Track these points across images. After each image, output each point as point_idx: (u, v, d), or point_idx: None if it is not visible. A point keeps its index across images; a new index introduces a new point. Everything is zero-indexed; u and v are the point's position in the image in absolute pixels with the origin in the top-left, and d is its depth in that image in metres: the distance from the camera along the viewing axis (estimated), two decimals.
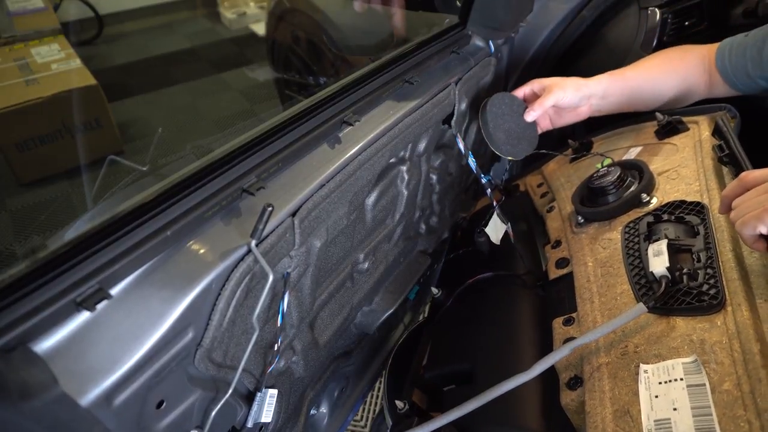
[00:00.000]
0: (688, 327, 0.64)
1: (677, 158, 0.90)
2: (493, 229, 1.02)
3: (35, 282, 0.44)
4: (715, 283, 0.66)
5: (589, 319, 0.74)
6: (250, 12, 4.03)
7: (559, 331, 0.78)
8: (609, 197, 0.88)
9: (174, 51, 3.80)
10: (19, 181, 2.42)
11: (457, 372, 0.86)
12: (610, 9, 1.30)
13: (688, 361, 0.61)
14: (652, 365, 0.63)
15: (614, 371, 0.66)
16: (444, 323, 1.00)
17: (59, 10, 3.54)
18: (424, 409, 0.87)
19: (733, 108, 0.94)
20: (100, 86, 2.47)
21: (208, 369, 0.59)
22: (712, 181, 0.81)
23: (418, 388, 0.90)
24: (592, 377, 0.67)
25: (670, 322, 0.66)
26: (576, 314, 0.77)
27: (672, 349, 0.63)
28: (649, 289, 0.71)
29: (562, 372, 0.71)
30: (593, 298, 0.77)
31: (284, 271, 0.69)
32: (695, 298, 0.66)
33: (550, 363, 0.68)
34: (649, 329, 0.67)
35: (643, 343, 0.66)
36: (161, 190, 0.56)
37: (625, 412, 0.61)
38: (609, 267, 0.79)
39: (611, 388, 0.64)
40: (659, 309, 0.67)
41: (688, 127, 0.96)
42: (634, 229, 0.80)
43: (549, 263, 0.91)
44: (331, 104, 0.75)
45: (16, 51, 2.72)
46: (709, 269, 0.69)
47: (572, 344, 0.68)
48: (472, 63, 1.02)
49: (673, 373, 0.61)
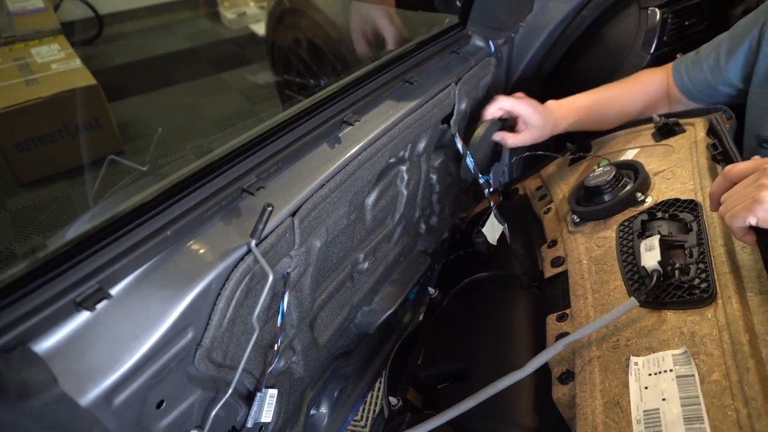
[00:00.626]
0: (679, 320, 0.65)
1: (673, 159, 0.91)
2: (490, 230, 1.02)
3: (35, 282, 0.44)
4: (707, 277, 0.67)
5: (582, 315, 0.75)
6: (250, 12, 4.03)
7: (552, 327, 0.79)
8: (604, 196, 0.89)
9: (174, 51, 3.80)
10: (19, 181, 2.42)
11: (451, 370, 0.87)
12: (610, 9, 1.30)
13: (677, 352, 0.62)
14: (642, 357, 0.64)
15: (605, 364, 0.66)
16: (439, 322, 1.00)
17: (59, 10, 3.54)
18: (419, 406, 0.88)
19: (729, 109, 0.95)
20: (100, 86, 2.47)
21: (208, 369, 0.59)
22: (706, 179, 0.82)
23: (412, 386, 0.90)
24: (584, 370, 0.68)
25: (661, 315, 0.67)
26: (569, 310, 0.79)
27: (663, 342, 0.64)
28: (641, 284, 0.72)
29: (554, 367, 0.72)
30: (587, 295, 0.78)
31: (284, 271, 0.69)
32: (686, 292, 0.67)
33: (543, 360, 0.69)
34: (640, 323, 0.68)
35: (635, 336, 0.67)
36: (161, 190, 0.56)
37: (615, 403, 0.62)
38: (603, 264, 0.80)
39: (602, 381, 0.65)
40: (651, 303, 0.68)
41: (684, 129, 0.97)
42: (628, 227, 0.82)
43: (545, 262, 0.92)
44: (331, 104, 0.75)
45: (16, 51, 2.72)
46: (701, 264, 0.70)
47: (565, 340, 0.69)
48: (472, 63, 1.02)
49: (662, 365, 0.62)
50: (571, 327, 0.76)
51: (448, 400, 0.77)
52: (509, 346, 0.83)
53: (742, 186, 0.62)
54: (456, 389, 0.84)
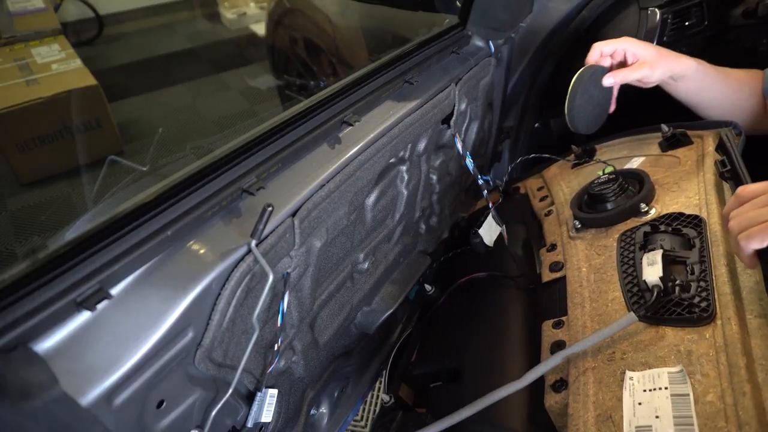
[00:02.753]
0: (677, 337, 0.65)
1: (679, 171, 0.90)
2: (487, 231, 1.02)
3: (35, 282, 0.44)
4: (707, 296, 0.67)
5: (579, 324, 0.75)
6: (250, 12, 4.03)
7: (548, 333, 0.78)
8: (608, 204, 0.88)
9: (174, 51, 3.81)
10: (19, 181, 2.43)
11: (444, 370, 0.87)
12: (610, 9, 1.30)
13: (674, 370, 0.61)
14: (638, 372, 0.63)
15: (600, 376, 0.66)
16: (434, 321, 1.01)
17: (59, 11, 3.54)
18: (411, 404, 0.88)
19: (739, 125, 0.94)
20: (100, 86, 2.47)
21: (208, 369, 0.59)
22: (711, 196, 0.80)
23: (406, 383, 0.90)
24: (578, 380, 0.67)
25: (659, 331, 0.66)
26: (566, 318, 0.78)
27: (659, 358, 0.64)
28: (640, 298, 0.72)
29: (548, 375, 0.72)
30: (584, 303, 0.77)
31: (284, 271, 0.69)
32: (686, 310, 0.66)
33: (541, 372, 0.69)
34: (637, 337, 0.67)
35: (631, 350, 0.66)
36: (161, 190, 0.56)
37: (607, 417, 0.61)
38: (602, 273, 0.79)
39: (595, 393, 0.64)
40: (649, 318, 0.68)
41: (692, 140, 0.96)
42: (630, 238, 0.81)
43: (543, 266, 0.91)
44: (331, 104, 0.75)
45: (16, 51, 2.72)
46: (702, 282, 0.69)
47: (563, 353, 0.69)
48: (472, 63, 1.02)
49: (658, 382, 0.61)
50: (567, 335, 0.76)
51: (440, 400, 0.78)
52: (503, 350, 0.83)
53: (752, 206, 0.60)
54: (448, 389, 0.84)
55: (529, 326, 0.84)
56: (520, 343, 0.83)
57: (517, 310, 0.89)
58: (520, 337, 0.84)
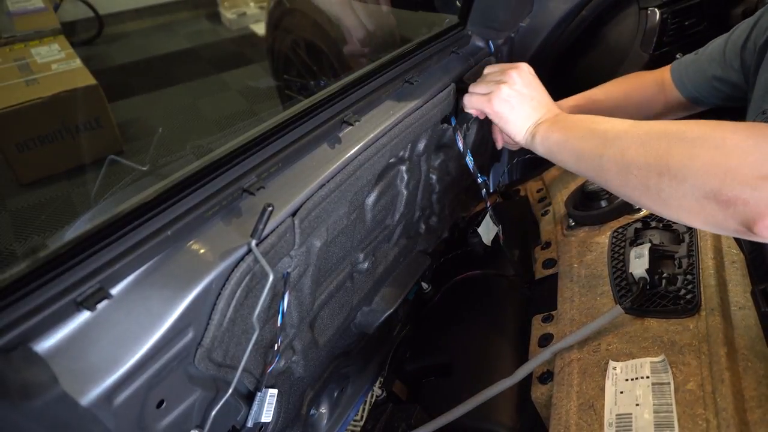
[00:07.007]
0: (661, 328, 0.66)
1: None
2: (486, 230, 1.03)
3: (35, 282, 0.44)
4: (692, 289, 0.68)
5: (567, 318, 0.76)
6: (250, 12, 4.03)
7: (537, 327, 0.80)
8: (601, 202, 0.90)
9: (174, 51, 3.81)
10: (19, 181, 2.43)
11: (435, 365, 0.89)
12: (610, 9, 1.30)
13: (656, 360, 0.63)
14: (621, 363, 0.65)
15: (584, 367, 0.67)
16: (428, 318, 1.02)
17: (59, 10, 3.54)
18: (404, 399, 0.89)
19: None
20: (100, 86, 2.47)
21: (208, 369, 0.60)
22: None
23: (399, 379, 0.91)
24: (563, 371, 0.69)
25: (644, 322, 0.68)
26: (555, 312, 0.80)
27: (643, 349, 0.65)
28: (628, 291, 0.73)
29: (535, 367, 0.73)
30: (574, 298, 0.78)
31: (284, 270, 0.69)
32: (671, 301, 0.68)
33: (532, 367, 0.70)
34: (623, 328, 0.69)
35: (616, 342, 0.68)
36: (161, 190, 0.56)
37: (589, 405, 0.63)
38: (593, 269, 0.81)
39: (579, 383, 0.66)
40: (635, 310, 0.69)
41: None
42: (621, 234, 0.82)
43: (537, 263, 0.93)
44: (331, 104, 0.75)
45: (16, 51, 2.72)
46: (689, 275, 0.70)
47: (552, 348, 0.70)
48: (472, 63, 1.02)
49: (640, 371, 0.63)
50: (555, 329, 0.77)
51: (431, 394, 0.80)
52: (494, 345, 0.84)
53: (483, 80, 0.82)
54: (439, 384, 0.86)
55: (520, 322, 0.86)
56: (511, 337, 0.84)
57: (509, 307, 0.90)
58: (510, 332, 0.85)
